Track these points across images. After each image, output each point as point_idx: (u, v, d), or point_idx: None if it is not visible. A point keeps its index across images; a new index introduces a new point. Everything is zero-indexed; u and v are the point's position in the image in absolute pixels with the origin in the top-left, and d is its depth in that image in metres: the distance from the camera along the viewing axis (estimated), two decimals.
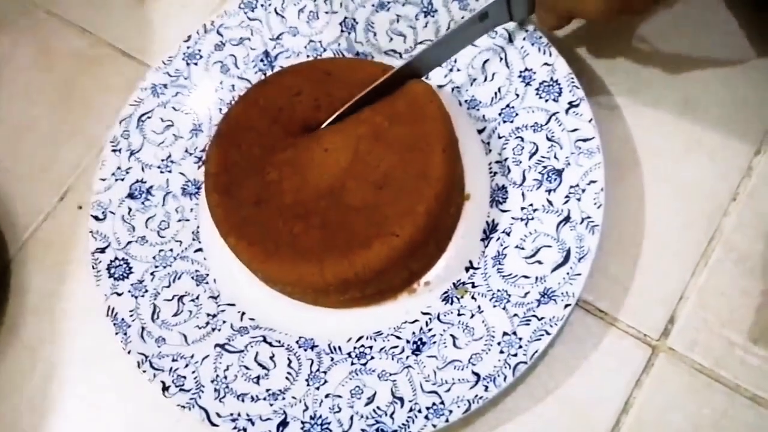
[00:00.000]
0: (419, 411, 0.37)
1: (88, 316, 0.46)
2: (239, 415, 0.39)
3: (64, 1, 0.57)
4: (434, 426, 0.37)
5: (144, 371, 0.41)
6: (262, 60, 0.49)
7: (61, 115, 0.54)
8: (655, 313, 0.40)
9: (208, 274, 0.44)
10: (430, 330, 0.40)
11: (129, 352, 0.41)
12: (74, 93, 0.54)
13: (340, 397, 0.39)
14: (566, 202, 0.40)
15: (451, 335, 0.39)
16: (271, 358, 0.41)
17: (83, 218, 0.48)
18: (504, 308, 0.39)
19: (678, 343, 0.39)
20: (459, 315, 0.40)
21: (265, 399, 0.39)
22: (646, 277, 0.41)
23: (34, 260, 0.49)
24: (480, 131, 0.45)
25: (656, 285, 0.40)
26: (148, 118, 0.48)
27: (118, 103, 0.50)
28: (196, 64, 0.49)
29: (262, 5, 0.49)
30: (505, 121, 0.44)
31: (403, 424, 0.37)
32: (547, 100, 0.43)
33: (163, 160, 0.47)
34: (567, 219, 0.40)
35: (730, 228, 0.41)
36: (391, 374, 0.39)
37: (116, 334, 0.42)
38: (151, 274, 0.44)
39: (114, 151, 0.47)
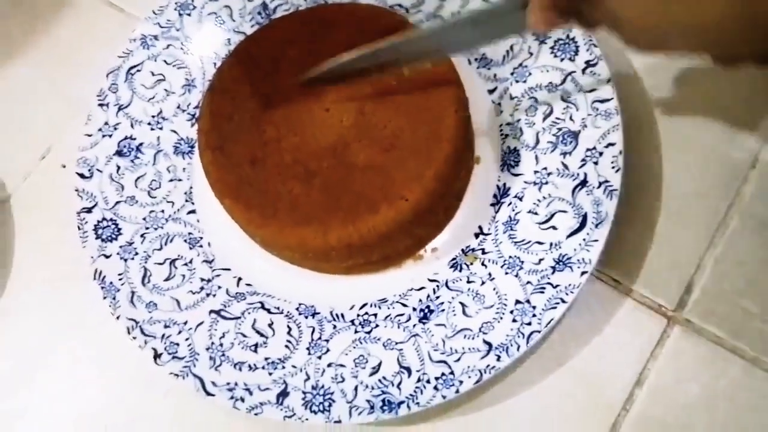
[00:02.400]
0: (428, 381, 0.36)
1: (71, 281, 0.43)
2: (236, 384, 0.37)
3: None
4: (444, 397, 0.35)
5: (134, 338, 0.39)
6: (259, 12, 0.46)
7: (41, 69, 0.51)
8: (670, 283, 0.38)
9: (201, 237, 0.42)
10: (437, 297, 0.38)
11: (118, 318, 0.39)
12: (55, 46, 0.51)
13: (343, 366, 0.37)
14: (582, 165, 0.38)
15: (461, 303, 0.38)
16: (270, 325, 0.39)
17: (67, 178, 0.45)
18: (516, 275, 0.37)
19: (694, 314, 0.38)
20: (468, 282, 0.38)
21: (263, 368, 0.37)
22: (662, 246, 0.39)
23: (15, 223, 0.46)
24: (491, 91, 0.42)
25: (672, 254, 0.39)
26: (138, 71, 0.45)
27: (102, 56, 0.47)
28: (189, 14, 0.46)
29: None
30: (517, 81, 0.42)
31: (411, 395, 0.35)
32: (562, 59, 0.41)
33: (153, 117, 0.45)
34: (583, 183, 0.38)
35: (749, 196, 0.39)
36: (397, 343, 0.37)
37: (104, 298, 0.40)
38: (141, 236, 0.42)
39: (101, 105, 0.45)
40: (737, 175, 0.40)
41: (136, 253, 0.41)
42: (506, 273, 0.37)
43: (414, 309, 0.38)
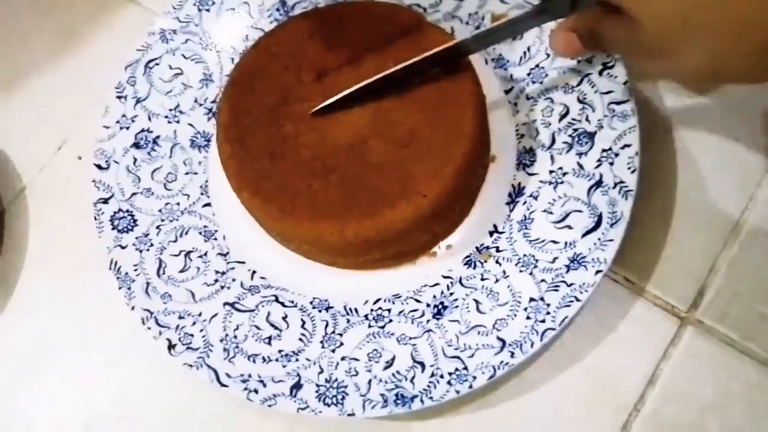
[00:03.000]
0: (441, 376, 0.36)
1: (86, 272, 0.43)
2: (250, 376, 0.37)
3: None
4: (457, 392, 0.35)
5: (149, 328, 0.39)
6: (278, 9, 0.47)
7: (60, 61, 0.51)
8: (684, 284, 0.39)
9: (216, 230, 0.42)
10: (451, 294, 0.38)
11: (133, 308, 0.39)
12: (74, 39, 0.51)
13: (357, 360, 0.37)
14: (598, 166, 0.39)
15: (475, 300, 0.38)
16: (284, 318, 0.39)
17: (83, 169, 0.46)
18: (531, 273, 0.37)
19: (707, 315, 0.38)
20: (482, 279, 0.38)
21: (277, 360, 0.38)
22: (676, 247, 0.39)
23: (30, 213, 0.46)
24: (507, 91, 0.43)
25: (686, 255, 0.39)
26: (156, 64, 0.46)
27: (120, 50, 0.47)
28: (208, 10, 0.47)
29: None
30: (534, 82, 0.42)
31: (425, 389, 0.35)
32: (579, 61, 0.41)
33: (171, 110, 0.45)
34: (599, 183, 0.38)
35: (764, 199, 0.40)
36: (410, 338, 0.37)
37: (119, 288, 0.40)
38: (157, 227, 0.42)
39: (119, 97, 0.45)
40: (752, 179, 0.40)
41: (152, 245, 0.41)
42: (521, 271, 0.38)
43: (428, 305, 0.38)
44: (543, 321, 0.36)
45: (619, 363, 0.38)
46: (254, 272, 0.41)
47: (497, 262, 0.39)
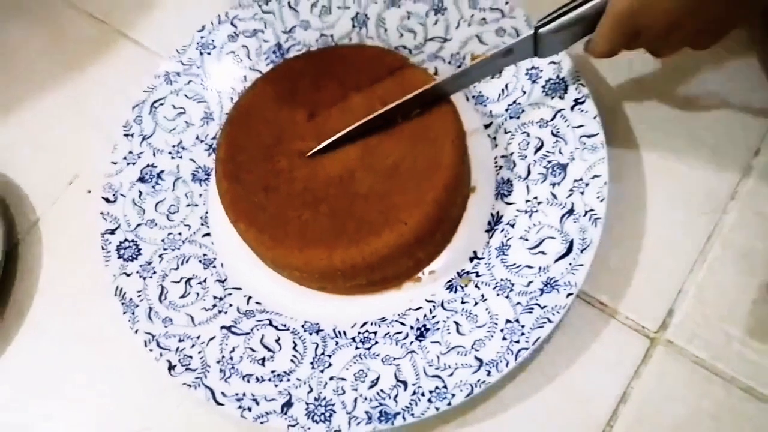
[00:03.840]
0: (422, 394, 0.38)
1: (93, 299, 0.46)
2: (244, 395, 0.40)
3: None
4: (437, 409, 0.37)
5: (150, 350, 0.41)
6: (274, 52, 0.50)
7: (73, 102, 0.55)
8: (654, 306, 0.41)
9: (215, 258, 0.45)
10: (434, 317, 0.41)
11: (136, 332, 0.42)
12: (86, 81, 0.55)
13: (344, 380, 0.39)
14: (570, 195, 0.41)
15: (455, 322, 0.40)
16: (277, 341, 0.42)
17: (92, 203, 0.49)
18: (507, 297, 0.40)
19: (676, 335, 0.40)
20: (463, 303, 0.41)
21: (270, 380, 0.40)
22: (646, 271, 0.41)
23: (43, 243, 0.50)
24: (487, 126, 0.46)
25: (656, 279, 0.41)
26: (161, 104, 0.49)
27: (128, 91, 0.51)
28: (209, 53, 0.50)
29: None
30: (511, 117, 0.45)
31: (407, 407, 0.38)
32: (553, 97, 0.44)
33: (174, 146, 0.48)
34: (571, 211, 0.41)
35: (729, 226, 0.42)
36: (395, 359, 0.40)
37: (124, 313, 0.43)
38: (160, 256, 0.45)
39: (126, 135, 0.48)
40: (718, 206, 0.42)
41: (155, 272, 0.44)
42: (498, 294, 0.40)
43: (411, 327, 0.41)
44: (518, 341, 0.38)
45: (592, 382, 0.39)
46: (250, 298, 0.44)
47: (476, 286, 0.41)
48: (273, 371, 0.40)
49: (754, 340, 0.39)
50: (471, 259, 0.42)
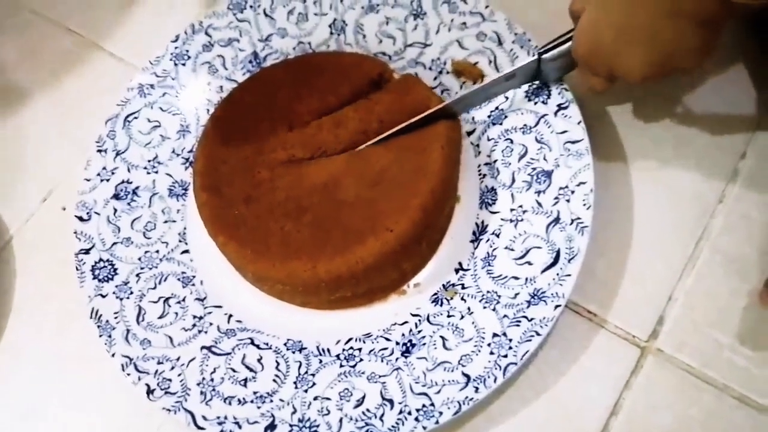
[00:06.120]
0: (409, 413, 0.37)
1: (70, 320, 0.45)
2: (226, 418, 0.38)
3: (50, 0, 0.57)
4: (424, 428, 0.36)
5: (128, 374, 0.40)
6: (250, 61, 0.49)
7: (47, 115, 0.53)
8: (643, 315, 0.40)
9: (194, 276, 0.44)
10: (419, 332, 0.40)
11: (113, 355, 0.41)
12: (60, 94, 0.54)
13: (328, 399, 0.38)
14: (556, 203, 0.40)
15: (441, 337, 0.39)
16: (259, 360, 0.40)
17: (67, 220, 0.47)
18: (494, 309, 0.39)
19: (666, 344, 0.39)
20: (449, 317, 0.40)
21: (252, 402, 0.39)
22: (635, 279, 0.41)
23: (17, 261, 0.48)
24: (469, 133, 0.45)
25: (644, 287, 0.40)
26: (135, 118, 0.48)
27: (104, 104, 0.49)
28: (183, 64, 0.49)
29: (251, 6, 0.49)
30: (494, 124, 0.44)
31: (393, 426, 0.37)
32: (536, 103, 0.43)
33: (149, 161, 0.47)
34: (557, 220, 0.40)
35: (717, 230, 0.41)
36: (380, 376, 0.39)
37: (100, 336, 0.41)
38: (137, 275, 0.43)
39: (99, 151, 0.47)
40: (705, 211, 0.42)
41: (132, 293, 0.43)
42: (484, 307, 0.39)
43: (397, 343, 0.40)
44: (506, 356, 0.37)
45: (583, 394, 0.39)
46: (230, 316, 0.42)
47: (462, 298, 0.40)
48: (255, 392, 0.39)
49: (745, 347, 0.38)
50: (456, 271, 0.41)
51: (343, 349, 0.40)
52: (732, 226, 0.41)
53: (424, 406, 0.37)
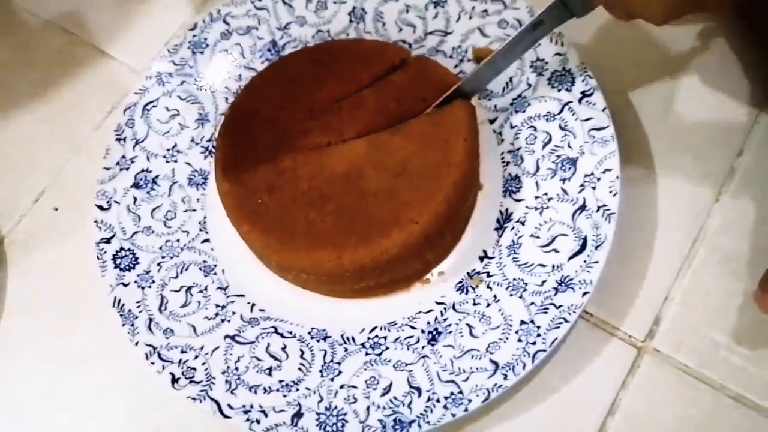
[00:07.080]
0: (437, 400, 0.37)
1: (63, 320, 0.44)
2: (252, 407, 0.38)
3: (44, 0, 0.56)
4: (453, 415, 0.36)
5: (152, 363, 0.40)
6: (269, 50, 0.48)
7: (39, 114, 0.52)
8: (640, 315, 0.39)
9: (216, 265, 0.43)
10: (445, 320, 0.40)
11: (136, 344, 0.40)
12: (53, 93, 0.52)
13: (355, 387, 0.38)
14: (581, 190, 0.40)
15: (468, 324, 0.39)
16: (283, 349, 0.40)
17: (59, 220, 0.47)
18: (521, 297, 0.39)
19: (663, 344, 0.39)
20: (475, 304, 0.39)
21: (278, 390, 0.39)
22: (631, 279, 0.40)
23: (8, 263, 0.47)
24: (491, 121, 0.44)
25: (641, 286, 0.40)
26: (154, 107, 0.47)
27: (97, 103, 0.49)
28: (202, 52, 0.48)
29: None
30: (517, 111, 0.44)
31: (422, 414, 0.37)
32: (559, 90, 0.43)
33: (168, 150, 0.46)
34: (583, 207, 0.40)
35: (714, 229, 0.41)
36: (407, 364, 0.38)
37: (123, 325, 0.41)
38: (158, 264, 0.43)
39: (118, 140, 0.46)
40: (702, 209, 0.41)
41: (153, 281, 0.43)
42: (511, 295, 0.39)
43: (423, 331, 0.39)
44: (534, 343, 0.37)
45: (580, 394, 0.38)
46: (253, 305, 0.42)
47: (488, 286, 0.40)
48: (281, 381, 0.39)
49: (742, 346, 0.38)
50: (481, 259, 0.41)
51: (368, 338, 0.40)
52: (729, 225, 0.40)
53: (452, 393, 0.37)
